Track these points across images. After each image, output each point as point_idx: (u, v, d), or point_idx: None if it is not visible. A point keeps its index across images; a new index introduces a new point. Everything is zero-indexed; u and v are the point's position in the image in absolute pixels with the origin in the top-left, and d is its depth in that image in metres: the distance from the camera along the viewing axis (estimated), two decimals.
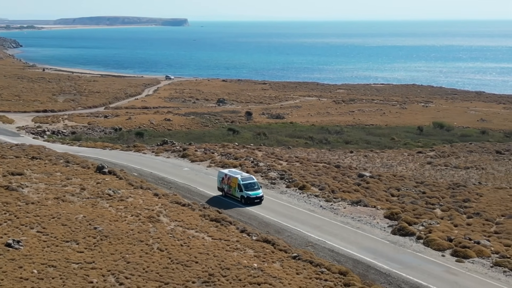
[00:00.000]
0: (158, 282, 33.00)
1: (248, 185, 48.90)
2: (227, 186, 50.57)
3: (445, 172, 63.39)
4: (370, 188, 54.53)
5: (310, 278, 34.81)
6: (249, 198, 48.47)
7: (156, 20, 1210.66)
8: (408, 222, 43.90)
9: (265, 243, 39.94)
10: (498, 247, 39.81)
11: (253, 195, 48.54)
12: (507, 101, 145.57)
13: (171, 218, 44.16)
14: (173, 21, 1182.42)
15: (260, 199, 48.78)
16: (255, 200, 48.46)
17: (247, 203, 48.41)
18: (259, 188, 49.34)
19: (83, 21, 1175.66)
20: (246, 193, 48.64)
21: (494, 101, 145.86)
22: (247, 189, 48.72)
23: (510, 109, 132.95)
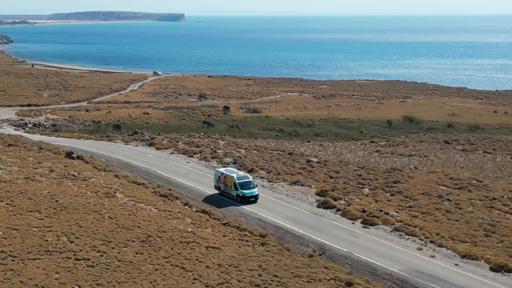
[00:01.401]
0: (103, 241, 40.87)
1: (243, 184, 50.57)
2: (223, 185, 52.30)
3: (389, 159, 71.19)
4: (313, 171, 62.38)
5: (234, 239, 42.69)
6: (244, 197, 50.21)
7: (153, 15, 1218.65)
8: (333, 198, 51.75)
9: (203, 213, 47.85)
10: (404, 217, 47.63)
11: (248, 194, 50.28)
12: (484, 96, 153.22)
13: (125, 194, 52.06)
14: (169, 16, 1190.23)
15: (255, 198, 50.49)
16: (250, 199, 50.21)
17: (242, 201, 50.16)
18: (254, 187, 50.99)
19: (77, 16, 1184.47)
20: (241, 191, 50.33)
21: (472, 96, 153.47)
22: (243, 188, 50.40)
23: (485, 104, 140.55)
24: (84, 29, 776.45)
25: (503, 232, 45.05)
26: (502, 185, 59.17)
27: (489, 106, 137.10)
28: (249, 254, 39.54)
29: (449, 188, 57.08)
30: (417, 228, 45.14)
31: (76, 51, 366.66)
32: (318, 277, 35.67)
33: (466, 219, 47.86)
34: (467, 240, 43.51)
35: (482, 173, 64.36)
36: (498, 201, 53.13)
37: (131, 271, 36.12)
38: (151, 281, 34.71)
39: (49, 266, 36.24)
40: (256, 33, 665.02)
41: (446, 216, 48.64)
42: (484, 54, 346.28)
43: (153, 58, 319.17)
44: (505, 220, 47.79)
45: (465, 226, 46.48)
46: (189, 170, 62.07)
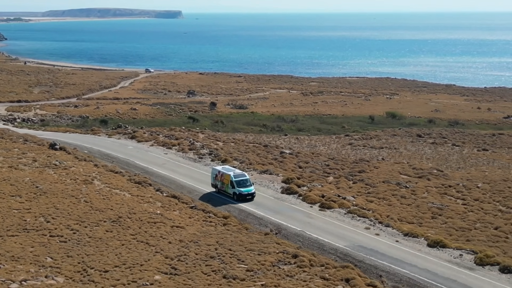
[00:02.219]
0: (76, 221, 45.54)
1: (240, 182, 51.97)
2: (220, 183, 53.68)
3: (360, 151, 75.78)
4: (284, 161, 67.01)
5: (198, 220, 47.38)
6: (241, 195, 51.51)
7: (149, 12, 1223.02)
8: (297, 185, 56.39)
9: (172, 198, 52.55)
10: (360, 202, 52.30)
11: (245, 192, 51.63)
12: (471, 93, 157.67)
13: (102, 182, 56.71)
14: (166, 13, 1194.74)
15: (252, 196, 51.81)
16: (247, 197, 51.50)
17: (239, 199, 51.44)
18: (251, 185, 52.52)
19: (73, 13, 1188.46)
20: (238, 189, 51.65)
21: (459, 93, 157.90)
22: (239, 185, 51.76)
23: (470, 100, 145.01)
24: (80, 26, 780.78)
25: (449, 215, 49.72)
26: (461, 174, 63.76)
27: (474, 102, 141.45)
28: (209, 232, 44.19)
29: (410, 177, 61.71)
30: (370, 211, 49.79)
31: (70, 48, 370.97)
32: (268, 251, 40.31)
33: (417, 204, 52.56)
34: (414, 221, 48.16)
35: (446, 164, 68.92)
36: (453, 188, 57.74)
37: (99, 245, 40.77)
38: (116, 254, 39.35)
39: (25, 241, 40.88)
40: (253, 30, 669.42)
41: (399, 201, 53.34)
42: (479, 51, 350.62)
43: (147, 55, 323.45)
44: (454, 205, 52.45)
45: (415, 209, 51.15)
46: (166, 161, 66.73)
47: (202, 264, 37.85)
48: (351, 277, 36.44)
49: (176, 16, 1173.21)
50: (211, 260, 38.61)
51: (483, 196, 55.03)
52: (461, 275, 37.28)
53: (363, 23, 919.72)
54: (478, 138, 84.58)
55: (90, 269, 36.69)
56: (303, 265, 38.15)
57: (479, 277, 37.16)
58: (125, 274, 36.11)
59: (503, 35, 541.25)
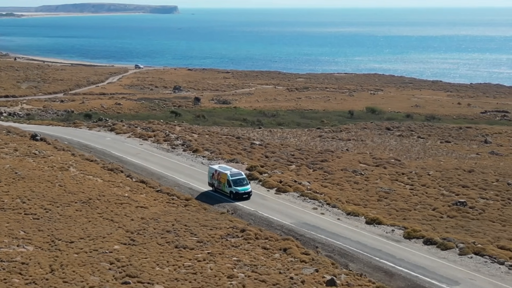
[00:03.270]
0: (50, 202, 51.36)
1: (237, 181, 53.55)
2: (217, 182, 55.31)
3: (328, 142, 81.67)
4: (252, 151, 72.88)
5: (162, 202, 53.23)
6: (237, 194, 53.14)
7: (144, 7, 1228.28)
8: (259, 172, 62.23)
9: (141, 183, 58.41)
10: (314, 186, 58.16)
11: (241, 191, 53.26)
12: (455, 89, 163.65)
13: (77, 169, 62.56)
14: (162, 9, 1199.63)
15: (248, 194, 53.56)
16: (243, 196, 53.16)
17: (236, 198, 53.08)
18: (247, 184, 54.22)
19: (66, 8, 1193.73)
20: (235, 188, 53.29)
21: (444, 89, 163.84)
22: (236, 184, 53.40)
23: (453, 96, 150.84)
24: (73, 22, 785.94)
25: (394, 198, 55.62)
26: (417, 163, 69.63)
27: (456, 98, 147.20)
28: (170, 212, 50.06)
29: (368, 165, 67.60)
30: (321, 194, 55.62)
31: (62, 44, 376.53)
32: (220, 226, 46.16)
33: (367, 188, 58.46)
34: (360, 203, 54.03)
35: (406, 154, 74.75)
36: (406, 175, 63.60)
37: (68, 222, 46.62)
38: (83, 229, 45.19)
39: (1, 218, 46.68)
40: (250, 26, 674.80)
41: (351, 186, 59.23)
42: (475, 48, 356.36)
43: (139, 52, 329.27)
44: (401, 189, 58.37)
45: (364, 193, 57.05)
46: (140, 151, 72.60)
47: (158, 237, 43.70)
48: (288, 247, 42.30)
49: (171, 12, 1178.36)
50: (167, 233, 44.45)
51: (430, 182, 60.90)
52: (387, 246, 43.12)
53: (363, 19, 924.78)
54: (445, 131, 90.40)
55: (57, 241, 42.49)
56: (249, 238, 44.01)
57: (402, 247, 43.02)
58: (88, 244, 41.93)
59: (503, 31, 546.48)
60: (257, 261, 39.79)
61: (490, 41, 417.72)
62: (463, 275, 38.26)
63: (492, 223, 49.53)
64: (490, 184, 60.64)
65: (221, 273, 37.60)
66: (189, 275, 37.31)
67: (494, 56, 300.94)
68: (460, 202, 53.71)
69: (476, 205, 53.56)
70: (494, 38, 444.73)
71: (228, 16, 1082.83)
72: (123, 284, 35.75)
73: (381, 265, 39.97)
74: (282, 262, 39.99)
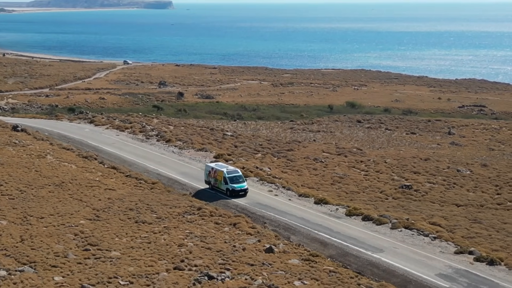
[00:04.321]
0: (25, 185, 57.14)
1: (233, 178, 55.23)
2: (214, 179, 57.06)
3: (298, 134, 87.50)
4: (223, 142, 78.73)
5: (130, 185, 59.03)
6: (234, 191, 54.73)
7: (138, 3, 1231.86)
8: (225, 160, 68.01)
9: (112, 169, 64.22)
10: (274, 172, 64.05)
11: (238, 188, 54.91)
12: (439, 84, 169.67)
13: (54, 156, 68.35)
14: (156, 4, 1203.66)
15: (245, 192, 55.20)
16: (240, 193, 54.85)
17: (232, 195, 54.69)
18: (244, 181, 55.91)
19: (58, 3, 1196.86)
20: (231, 185, 54.91)
21: (427, 84, 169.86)
22: (232, 182, 55.04)
23: (435, 91, 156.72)
24: (65, 18, 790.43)
25: (346, 182, 61.51)
26: (378, 152, 75.50)
27: (438, 93, 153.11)
28: (135, 193, 55.89)
29: (330, 154, 73.47)
30: (280, 179, 61.44)
31: (52, 40, 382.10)
32: (179, 205, 51.99)
33: (323, 174, 64.30)
34: (314, 186, 59.89)
35: (370, 145, 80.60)
36: (363, 163, 69.47)
37: (41, 201, 52.41)
38: (53, 207, 50.98)
39: None
40: (244, 22, 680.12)
41: (310, 172, 65.13)
42: (472, 44, 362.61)
43: (130, 47, 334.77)
44: (355, 175, 64.25)
45: (320, 178, 62.93)
46: (116, 141, 78.40)
47: (121, 214, 49.52)
48: (238, 222, 48.15)
49: (166, 7, 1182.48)
50: (130, 211, 50.26)
51: (385, 169, 66.79)
52: (327, 222, 48.98)
53: (359, 14, 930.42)
54: (413, 124, 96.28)
55: (29, 217, 48.28)
56: (204, 215, 49.86)
57: (341, 223, 48.88)
58: (57, 219, 47.74)
59: (506, 27, 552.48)
60: (207, 233, 45.62)
61: (488, 37, 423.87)
62: (388, 245, 44.12)
63: (432, 204, 55.44)
64: (440, 170, 66.52)
65: (172, 242, 43.45)
66: (144, 244, 43.14)
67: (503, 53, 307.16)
68: (405, 185, 59.63)
69: (421, 189, 59.48)
70: (491, 34, 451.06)
71: (223, 11, 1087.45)
72: (84, 251, 41.55)
73: (318, 237, 45.80)
74: (230, 234, 45.82)
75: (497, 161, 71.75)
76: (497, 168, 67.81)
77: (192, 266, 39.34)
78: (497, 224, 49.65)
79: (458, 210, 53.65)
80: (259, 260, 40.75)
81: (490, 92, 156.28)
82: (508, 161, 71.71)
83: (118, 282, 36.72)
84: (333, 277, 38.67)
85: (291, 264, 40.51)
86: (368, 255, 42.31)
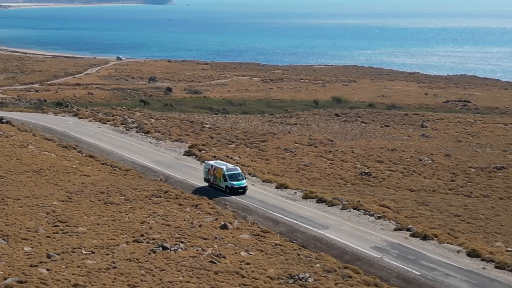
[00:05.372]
0: (5, 171, 62.55)
1: (232, 176, 56.61)
2: (213, 177, 58.35)
3: (275, 126, 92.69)
4: (200, 133, 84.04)
5: (105, 172, 64.37)
6: (233, 188, 56.05)
7: None
8: (199, 149, 73.33)
9: (89, 157, 69.61)
10: (244, 161, 69.27)
11: (237, 185, 56.23)
12: (428, 80, 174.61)
13: (35, 146, 73.76)
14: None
15: (244, 189, 56.47)
16: (239, 190, 56.09)
17: (231, 193, 55.97)
18: (243, 179, 57.24)
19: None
20: (230, 183, 56.22)
21: (417, 80, 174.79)
22: (232, 179, 56.40)
23: (424, 87, 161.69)
24: (62, 13, 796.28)
25: (310, 170, 66.72)
26: (348, 143, 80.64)
27: (426, 89, 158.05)
28: (108, 179, 61.21)
29: (302, 145, 78.65)
30: (248, 167, 66.64)
31: (47, 36, 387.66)
32: (147, 189, 57.30)
33: (290, 162, 69.51)
34: (279, 173, 65.08)
35: (343, 136, 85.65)
36: (332, 153, 74.63)
37: (18, 185, 57.80)
38: (30, 190, 56.36)
39: None
40: (244, 18, 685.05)
41: (278, 161, 70.37)
42: (477, 41, 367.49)
43: (125, 44, 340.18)
44: (321, 163, 69.43)
45: (286, 166, 68.18)
46: (97, 132, 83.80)
47: (92, 196, 54.86)
48: (200, 203, 53.44)
49: (165, 2, 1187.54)
50: (100, 194, 55.61)
51: (350, 158, 71.96)
52: (283, 203, 54.21)
53: (364, 9, 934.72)
54: (389, 118, 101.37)
55: (7, 198, 53.66)
56: (169, 197, 55.16)
57: (296, 204, 54.13)
58: (32, 201, 53.12)
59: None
60: (169, 213, 50.94)
61: (489, 33, 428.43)
62: (335, 223, 49.35)
63: (387, 189, 60.62)
64: (403, 160, 71.68)
65: (136, 220, 48.79)
66: (109, 221, 48.49)
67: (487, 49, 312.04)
68: (365, 172, 64.84)
69: (379, 175, 64.68)
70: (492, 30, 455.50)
71: (224, 7, 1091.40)
72: (54, 227, 46.91)
73: (272, 216, 51.07)
74: (190, 214, 51.13)
75: (461, 151, 76.78)
76: (458, 158, 72.87)
77: (150, 240, 44.63)
78: (442, 206, 54.80)
79: (410, 194, 58.79)
80: (212, 235, 46.02)
81: (479, 87, 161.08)
82: (471, 151, 76.76)
83: (81, 251, 42.04)
84: (277, 249, 43.91)
85: (242, 239, 45.76)
86: (314, 231, 47.53)
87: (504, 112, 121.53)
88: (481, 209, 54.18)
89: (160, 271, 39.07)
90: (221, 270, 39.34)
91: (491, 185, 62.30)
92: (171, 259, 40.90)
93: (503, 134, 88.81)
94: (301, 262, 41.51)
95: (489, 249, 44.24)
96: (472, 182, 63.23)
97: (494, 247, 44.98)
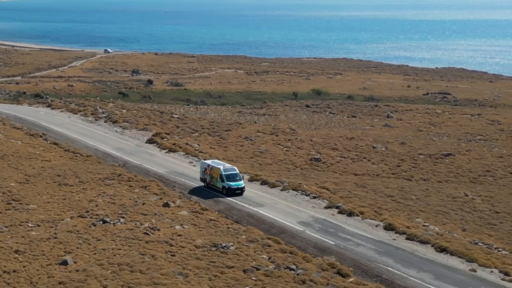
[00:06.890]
0: None
1: (229, 176, 56.52)
2: (209, 177, 58.40)
3: (243, 117, 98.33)
4: (167, 123, 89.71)
5: (66, 158, 70.12)
6: (230, 189, 56.04)
7: None
8: (161, 137, 79.03)
9: (54, 144, 75.41)
10: (203, 148, 74.92)
11: (234, 186, 56.15)
12: (414, 73, 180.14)
13: (3, 134, 79.54)
14: None
15: (241, 190, 56.40)
16: (236, 191, 56.06)
17: (228, 193, 56.05)
18: (241, 179, 57.00)
19: None
20: (227, 183, 56.18)
21: (404, 73, 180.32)
22: (229, 179, 56.33)
23: (408, 80, 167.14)
24: (56, 5, 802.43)
25: (265, 156, 72.39)
26: (309, 133, 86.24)
27: (411, 81, 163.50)
28: (68, 164, 66.96)
29: (264, 134, 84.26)
30: (206, 154, 72.30)
31: (37, 29, 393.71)
32: (103, 173, 63.00)
33: (247, 150, 75.14)
34: (233, 159, 70.66)
35: (307, 126, 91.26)
36: (291, 141, 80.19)
37: None
38: None
39: None
40: (242, 10, 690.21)
41: (236, 148, 76.01)
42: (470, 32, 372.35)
43: (116, 36, 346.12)
44: (276, 151, 75.05)
45: (242, 153, 73.82)
46: (66, 122, 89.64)
47: (48, 178, 60.60)
48: (149, 185, 59.12)
49: None
50: (57, 177, 61.32)
51: (306, 146, 77.55)
52: None
53: (366, 1, 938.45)
54: (358, 109, 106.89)
55: None
56: (122, 180, 60.82)
57: None
58: None
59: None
60: (118, 193, 56.62)
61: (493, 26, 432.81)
62: (270, 202, 55.02)
63: (333, 173, 66.23)
64: (358, 147, 77.24)
65: (85, 199, 54.50)
66: (60, 200, 54.22)
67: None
68: (315, 158, 70.47)
69: (329, 161, 70.29)
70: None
71: None
72: (7, 204, 52.64)
73: (215, 197, 56.67)
74: (138, 194, 56.80)
75: (417, 140, 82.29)
76: (412, 146, 78.38)
77: (94, 215, 50.32)
78: (379, 188, 60.34)
79: (353, 178, 64.40)
80: (153, 211, 51.68)
81: (464, 80, 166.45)
82: (427, 140, 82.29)
83: (28, 225, 47.75)
84: (210, 224, 49.56)
85: (180, 215, 51.43)
86: (250, 209, 53.19)
87: (483, 104, 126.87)
88: (415, 191, 59.74)
89: (96, 241, 44.75)
90: (152, 240, 45.03)
91: (434, 170, 67.91)
92: (108, 231, 46.59)
93: (466, 124, 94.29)
94: (228, 234, 47.13)
95: (407, 224, 49.84)
96: (416, 167, 68.81)
97: (413, 223, 50.55)
